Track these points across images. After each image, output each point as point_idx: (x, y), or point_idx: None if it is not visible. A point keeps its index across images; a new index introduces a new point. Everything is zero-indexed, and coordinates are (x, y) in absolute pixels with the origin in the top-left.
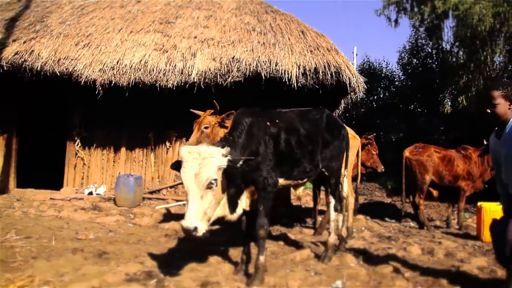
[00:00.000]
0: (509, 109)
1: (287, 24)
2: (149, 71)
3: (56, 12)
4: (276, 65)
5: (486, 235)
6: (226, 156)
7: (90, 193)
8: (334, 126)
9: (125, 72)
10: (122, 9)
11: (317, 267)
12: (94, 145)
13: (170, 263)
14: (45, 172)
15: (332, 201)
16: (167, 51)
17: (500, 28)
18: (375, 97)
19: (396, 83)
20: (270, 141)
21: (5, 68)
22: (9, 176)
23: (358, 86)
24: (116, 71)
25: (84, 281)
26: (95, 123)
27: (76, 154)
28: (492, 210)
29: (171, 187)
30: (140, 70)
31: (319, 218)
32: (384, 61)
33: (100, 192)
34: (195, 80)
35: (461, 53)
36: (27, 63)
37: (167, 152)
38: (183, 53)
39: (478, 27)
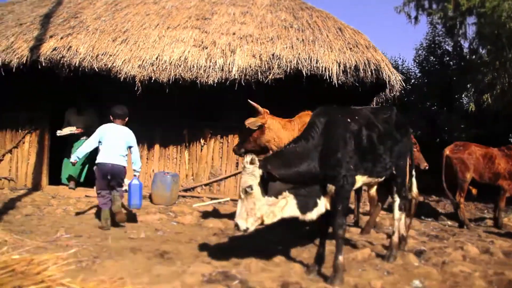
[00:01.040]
0: None
1: (324, 21)
2: (190, 68)
3: (89, 8)
4: (316, 62)
5: None
6: (251, 163)
7: (125, 191)
8: (402, 124)
9: (165, 68)
10: (156, 5)
11: (385, 266)
12: None
13: (237, 263)
14: None
15: (397, 200)
16: (206, 48)
17: None
18: None
19: (413, 80)
20: (351, 138)
21: (43, 64)
22: (41, 173)
23: (397, 84)
24: (156, 67)
25: (165, 283)
26: (129, 120)
27: None
28: None
29: (205, 185)
30: (180, 66)
31: (364, 218)
32: (400, 58)
33: None
34: (235, 77)
35: (484, 50)
36: (65, 59)
37: (201, 149)
38: (223, 50)
39: (506, 24)
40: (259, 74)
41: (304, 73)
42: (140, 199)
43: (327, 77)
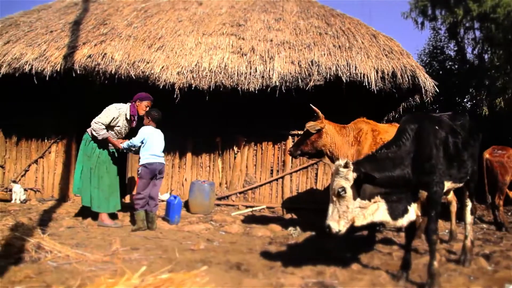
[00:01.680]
0: None
1: (356, 27)
2: (230, 75)
3: (116, 14)
4: (355, 69)
5: None
6: (345, 167)
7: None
8: (475, 130)
9: (205, 75)
10: (186, 11)
11: (463, 270)
12: None
13: (319, 272)
14: None
15: (469, 204)
16: (246, 54)
17: None
18: None
19: None
20: (440, 145)
21: (78, 72)
22: (68, 183)
23: (431, 89)
24: (196, 74)
25: None
26: (162, 128)
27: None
28: None
29: (240, 192)
30: (220, 73)
31: None
32: None
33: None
34: (276, 84)
35: (487, 55)
36: (100, 67)
37: (235, 157)
38: (262, 56)
39: None
40: (299, 81)
41: (344, 80)
42: (179, 215)
43: (366, 84)
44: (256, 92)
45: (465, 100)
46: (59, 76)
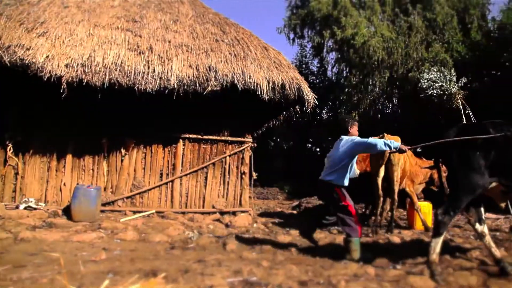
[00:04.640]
0: None
1: (249, 39)
2: (127, 73)
3: None
4: (249, 78)
5: None
6: None
7: (26, 208)
8: None
9: (98, 71)
10: None
11: None
12: (31, 151)
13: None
14: None
15: None
16: (143, 53)
17: (388, 58)
18: None
19: None
20: None
21: None
22: None
23: (312, 101)
24: (88, 69)
25: None
26: (34, 125)
27: (6, 162)
28: None
29: (127, 197)
30: (116, 70)
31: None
32: None
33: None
34: (174, 86)
35: (348, 74)
36: None
37: (122, 160)
38: (160, 57)
39: (372, 57)
40: (197, 85)
41: (239, 88)
42: None
43: (259, 93)
44: (154, 93)
45: (324, 111)
46: None
